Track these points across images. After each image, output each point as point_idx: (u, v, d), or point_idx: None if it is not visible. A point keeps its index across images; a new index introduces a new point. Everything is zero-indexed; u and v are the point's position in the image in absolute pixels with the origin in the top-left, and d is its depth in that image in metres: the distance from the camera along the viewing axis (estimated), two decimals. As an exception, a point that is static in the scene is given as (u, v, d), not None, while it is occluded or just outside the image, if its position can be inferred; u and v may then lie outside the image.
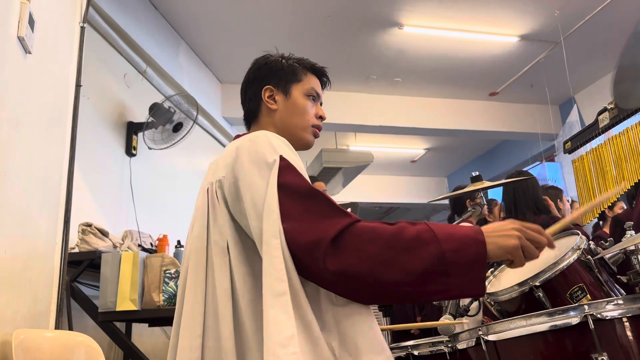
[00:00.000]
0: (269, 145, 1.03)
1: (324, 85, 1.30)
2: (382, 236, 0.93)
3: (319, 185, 3.25)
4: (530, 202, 2.67)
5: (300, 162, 1.06)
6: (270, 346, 0.86)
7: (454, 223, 2.15)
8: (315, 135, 1.26)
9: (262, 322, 0.93)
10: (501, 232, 0.95)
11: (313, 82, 1.26)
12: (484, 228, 0.95)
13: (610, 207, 3.60)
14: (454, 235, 0.92)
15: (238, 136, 1.20)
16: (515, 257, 0.95)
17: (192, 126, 3.61)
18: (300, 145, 1.24)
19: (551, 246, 0.99)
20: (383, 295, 0.95)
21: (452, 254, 0.90)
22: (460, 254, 0.90)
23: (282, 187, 0.97)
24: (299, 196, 0.97)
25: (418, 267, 0.90)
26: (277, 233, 0.93)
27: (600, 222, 3.87)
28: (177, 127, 3.60)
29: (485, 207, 3.15)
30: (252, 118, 1.28)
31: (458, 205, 3.32)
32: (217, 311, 0.98)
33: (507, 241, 0.93)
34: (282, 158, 1.01)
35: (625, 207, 3.43)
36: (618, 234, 2.60)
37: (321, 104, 1.29)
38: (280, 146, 1.04)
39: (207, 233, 1.04)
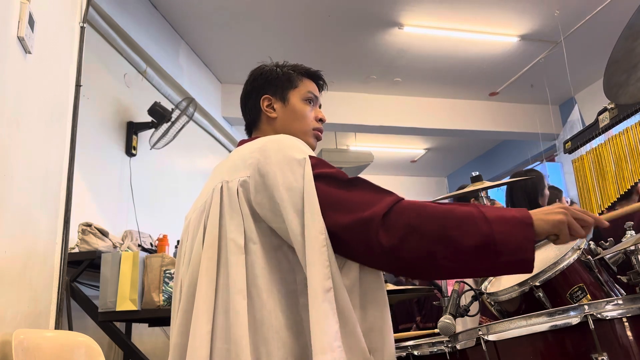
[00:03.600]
0: (295, 145, 1.07)
1: (320, 88, 1.33)
2: (433, 213, 0.96)
3: None
4: (525, 204, 2.66)
5: None
6: (325, 340, 0.90)
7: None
8: (318, 138, 1.29)
9: (289, 317, 0.97)
10: (547, 210, 0.99)
11: (310, 86, 1.29)
12: (531, 211, 0.99)
13: (610, 208, 3.59)
14: (503, 217, 0.95)
15: (243, 141, 1.21)
16: (560, 232, 0.98)
17: (179, 115, 3.58)
18: None
19: (602, 224, 1.05)
20: (432, 270, 0.98)
21: (501, 235, 0.93)
22: (509, 236, 0.93)
23: (319, 178, 1.00)
24: (339, 182, 1.01)
25: (469, 245, 0.93)
26: (322, 229, 0.95)
27: None
28: (174, 122, 3.60)
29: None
30: (253, 127, 1.30)
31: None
32: (229, 309, 0.98)
33: (553, 216, 0.98)
34: (310, 157, 1.04)
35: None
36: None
37: (320, 107, 1.32)
38: (306, 148, 1.08)
39: (219, 230, 1.04)
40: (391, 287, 1.94)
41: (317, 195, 0.98)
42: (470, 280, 2.22)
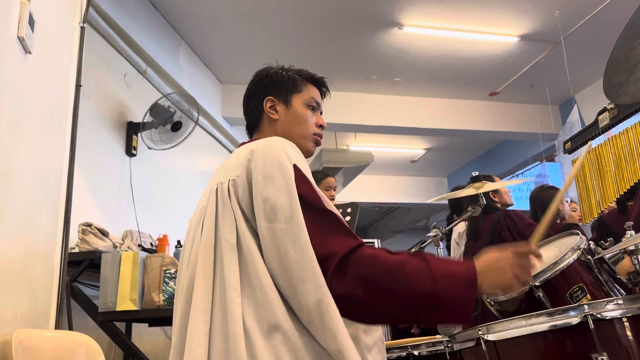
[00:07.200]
0: (284, 152, 1.08)
1: (323, 95, 1.35)
2: (384, 266, 0.99)
3: (330, 181, 3.29)
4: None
5: (309, 171, 1.10)
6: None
7: (453, 223, 2.16)
8: (317, 143, 1.31)
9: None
10: (495, 268, 1.01)
11: (313, 92, 1.31)
12: (479, 263, 1.01)
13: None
14: (450, 274, 0.99)
15: (243, 144, 1.22)
16: (508, 289, 1.03)
17: (193, 127, 3.61)
18: (302, 153, 1.26)
19: (538, 256, 1.06)
20: (377, 319, 1.04)
21: (445, 292, 0.97)
22: (452, 294, 0.97)
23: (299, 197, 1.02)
24: (313, 209, 1.03)
25: (413, 300, 0.98)
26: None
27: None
28: (177, 127, 3.60)
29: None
30: (254, 127, 1.32)
31: (457, 205, 3.31)
32: (226, 308, 0.98)
33: (500, 278, 1.01)
34: (295, 168, 1.05)
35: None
36: (601, 234, 2.60)
37: (321, 113, 1.34)
38: (295, 155, 1.09)
39: (215, 231, 1.06)
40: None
41: None
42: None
